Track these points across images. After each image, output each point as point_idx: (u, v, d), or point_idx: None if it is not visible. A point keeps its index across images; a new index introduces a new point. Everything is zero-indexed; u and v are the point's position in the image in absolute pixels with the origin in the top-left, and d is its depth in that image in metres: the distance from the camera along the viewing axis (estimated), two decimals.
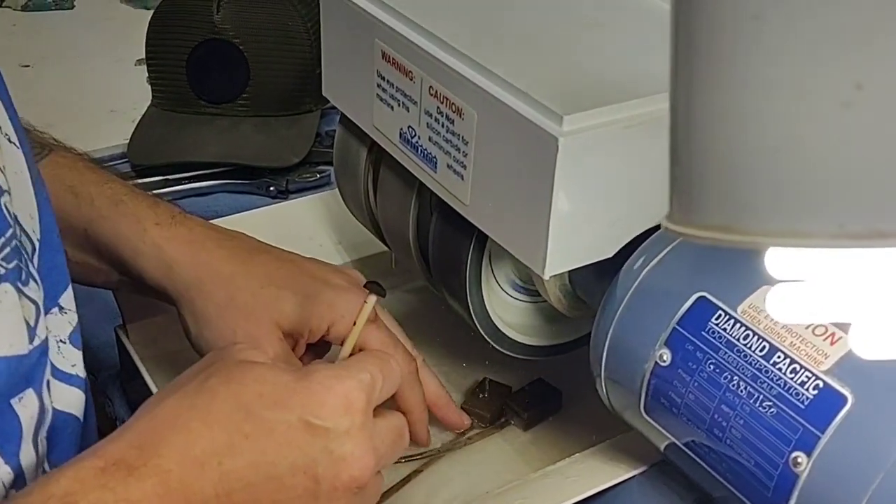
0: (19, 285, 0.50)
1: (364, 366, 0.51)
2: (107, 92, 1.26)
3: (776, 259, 0.32)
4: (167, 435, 0.46)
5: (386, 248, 0.81)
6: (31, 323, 0.51)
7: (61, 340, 0.56)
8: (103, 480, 0.43)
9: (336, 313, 0.63)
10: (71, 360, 0.56)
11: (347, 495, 0.49)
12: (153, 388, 0.71)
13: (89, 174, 0.69)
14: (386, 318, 0.66)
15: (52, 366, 0.54)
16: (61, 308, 0.56)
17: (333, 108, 0.77)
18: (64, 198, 0.65)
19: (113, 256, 0.67)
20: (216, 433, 0.46)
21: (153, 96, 1.14)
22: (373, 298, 0.59)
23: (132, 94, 1.20)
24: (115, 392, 0.81)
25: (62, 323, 0.56)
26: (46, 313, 0.54)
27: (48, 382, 0.53)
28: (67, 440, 0.55)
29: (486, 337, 0.70)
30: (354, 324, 0.58)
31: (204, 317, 0.63)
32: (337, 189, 0.83)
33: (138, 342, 0.78)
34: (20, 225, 0.53)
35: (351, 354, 0.60)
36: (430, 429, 0.71)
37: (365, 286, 0.60)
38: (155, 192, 1.03)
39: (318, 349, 0.67)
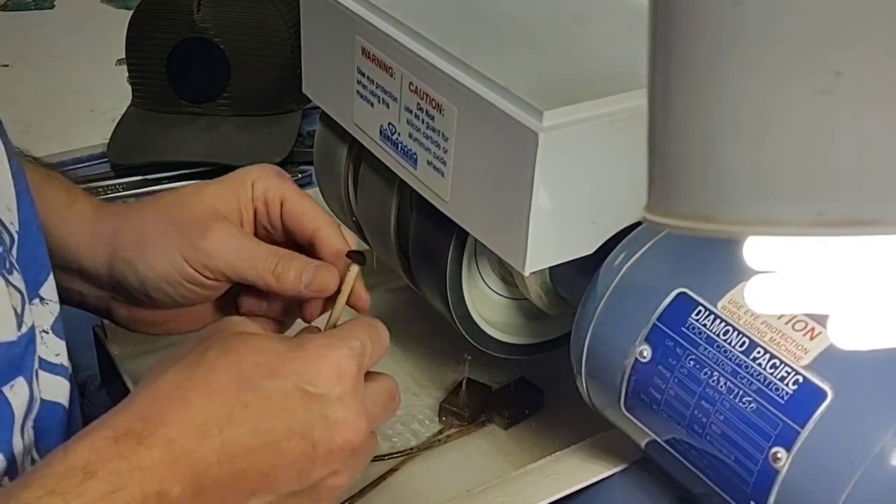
0: (4, 273, 0.50)
1: (354, 333, 0.52)
2: (87, 91, 1.26)
3: (754, 249, 0.32)
4: (170, 406, 0.47)
5: (367, 247, 0.80)
6: (18, 310, 0.51)
7: (44, 331, 0.56)
8: (118, 450, 0.44)
9: (252, 174, 0.63)
10: (55, 349, 0.57)
11: (342, 457, 0.50)
12: (132, 388, 0.70)
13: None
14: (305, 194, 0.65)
15: (39, 356, 0.54)
16: (42, 299, 0.57)
17: (315, 107, 0.77)
18: None
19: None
20: (216, 404, 0.47)
21: (133, 96, 1.13)
22: (355, 268, 0.59)
23: (112, 94, 1.20)
24: (94, 393, 0.80)
25: (44, 313, 0.57)
26: (29, 303, 0.53)
27: (36, 372, 0.53)
28: (55, 429, 0.55)
29: (466, 335, 0.70)
30: (339, 292, 0.59)
31: (139, 244, 0.62)
32: (318, 188, 0.82)
33: (117, 341, 0.77)
34: None
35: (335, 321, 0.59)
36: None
37: (347, 255, 0.60)
38: (134, 191, 1.04)
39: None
